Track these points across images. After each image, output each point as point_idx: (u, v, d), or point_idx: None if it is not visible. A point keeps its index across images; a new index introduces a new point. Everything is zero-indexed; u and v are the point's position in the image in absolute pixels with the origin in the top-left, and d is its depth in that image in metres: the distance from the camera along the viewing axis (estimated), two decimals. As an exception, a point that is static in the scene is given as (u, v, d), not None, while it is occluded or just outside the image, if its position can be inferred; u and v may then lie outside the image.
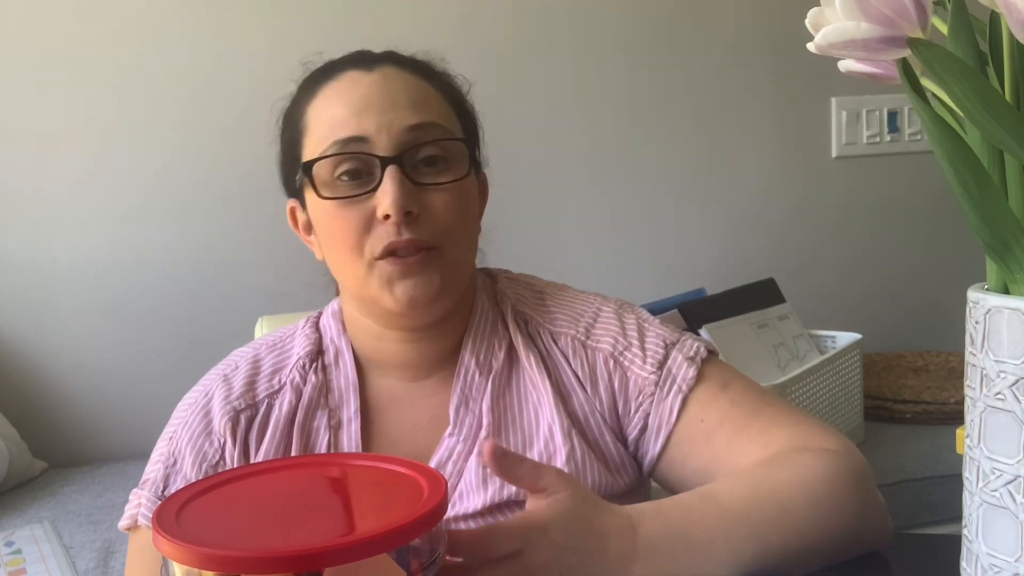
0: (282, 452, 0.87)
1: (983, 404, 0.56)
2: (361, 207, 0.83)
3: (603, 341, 0.90)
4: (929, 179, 2.26)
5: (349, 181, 0.84)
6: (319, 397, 0.90)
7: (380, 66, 0.88)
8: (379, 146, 0.83)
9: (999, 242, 0.55)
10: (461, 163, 0.87)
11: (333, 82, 0.88)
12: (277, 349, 0.94)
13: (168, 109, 1.86)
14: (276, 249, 1.90)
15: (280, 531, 0.55)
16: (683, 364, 0.88)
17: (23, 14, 1.79)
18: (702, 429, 0.85)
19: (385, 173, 0.82)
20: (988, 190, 0.54)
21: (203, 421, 0.88)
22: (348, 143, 0.83)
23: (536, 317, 0.93)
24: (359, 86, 0.86)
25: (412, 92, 0.86)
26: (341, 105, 0.85)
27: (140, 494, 0.90)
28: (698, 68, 2.16)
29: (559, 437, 0.86)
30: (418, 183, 0.84)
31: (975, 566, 0.58)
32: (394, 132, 0.83)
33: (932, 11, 0.54)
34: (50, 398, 1.85)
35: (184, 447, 0.88)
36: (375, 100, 0.85)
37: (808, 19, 0.56)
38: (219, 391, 0.90)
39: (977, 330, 0.56)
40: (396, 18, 1.93)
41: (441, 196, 0.84)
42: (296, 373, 0.90)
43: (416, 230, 0.83)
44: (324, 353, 0.93)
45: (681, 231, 2.18)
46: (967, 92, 0.51)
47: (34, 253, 1.82)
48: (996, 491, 0.55)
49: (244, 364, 0.92)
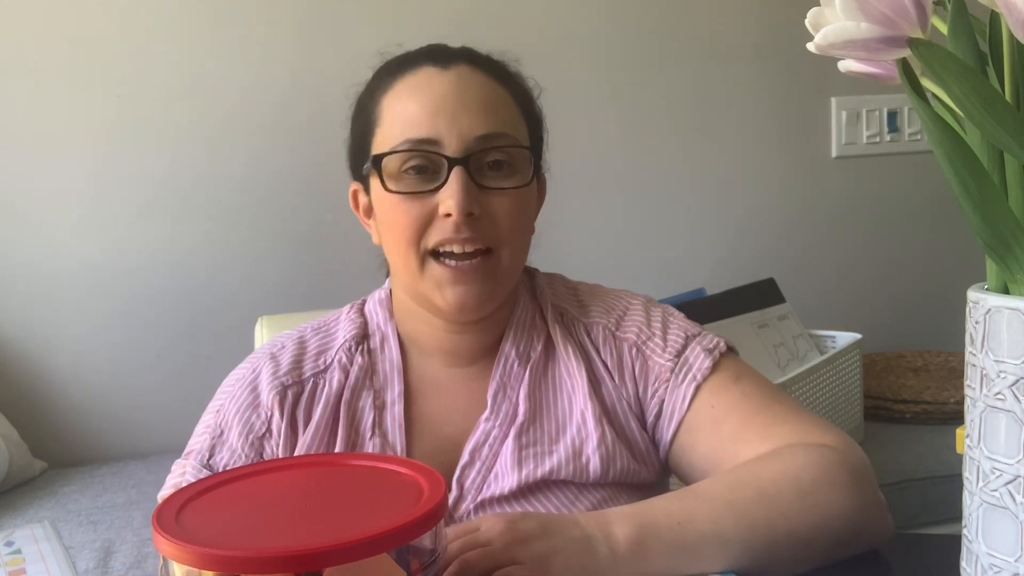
0: (330, 428, 0.91)
1: (983, 404, 0.56)
2: (424, 203, 0.86)
3: (629, 331, 0.94)
4: (929, 179, 2.26)
5: (415, 176, 0.86)
6: (365, 378, 0.93)
7: (456, 64, 0.89)
8: (449, 148, 0.85)
9: (999, 242, 0.55)
10: (525, 170, 0.90)
11: (409, 76, 0.90)
12: (322, 332, 0.97)
13: (168, 111, 1.86)
14: (276, 250, 1.91)
15: (280, 531, 0.55)
16: (701, 354, 0.91)
17: (23, 16, 1.79)
18: (711, 416, 0.88)
19: (452, 173, 0.85)
20: (988, 190, 0.54)
21: (251, 395, 0.91)
22: (420, 143, 0.86)
23: (571, 311, 0.97)
24: (434, 85, 0.88)
25: (485, 96, 0.88)
26: (415, 103, 0.87)
27: (184, 464, 0.92)
28: (698, 68, 2.16)
29: (591, 423, 0.90)
30: (482, 186, 0.86)
31: (975, 566, 0.58)
32: (465, 136, 0.86)
33: (932, 11, 0.54)
34: (50, 398, 1.85)
35: (232, 419, 0.91)
36: (449, 102, 0.86)
37: (808, 19, 0.56)
38: (267, 367, 0.93)
39: (977, 330, 0.56)
40: (397, 19, 1.93)
41: (503, 201, 0.87)
42: (343, 354, 0.94)
43: (474, 230, 0.85)
44: (370, 337, 0.96)
45: (681, 231, 2.18)
46: (967, 92, 0.51)
47: (34, 253, 1.82)
48: (996, 491, 0.55)
49: (291, 344, 0.95)
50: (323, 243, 1.90)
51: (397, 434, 0.91)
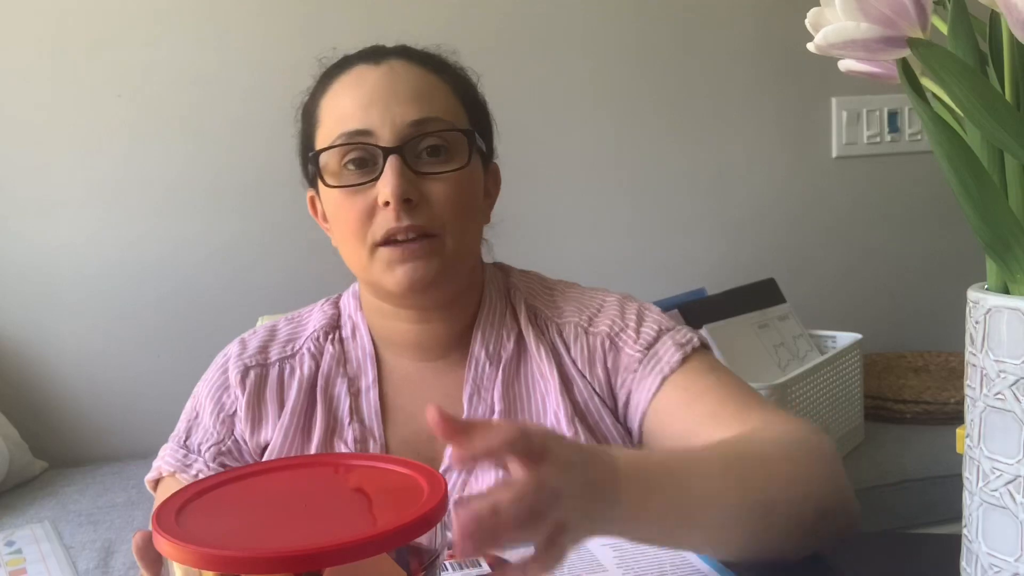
0: (307, 414, 0.93)
1: (983, 404, 0.56)
2: (364, 196, 0.87)
3: (602, 325, 0.94)
4: (929, 179, 2.25)
5: (355, 170, 0.88)
6: (337, 366, 0.95)
7: (388, 60, 0.91)
8: (383, 138, 0.87)
9: (999, 242, 0.55)
10: (463, 154, 0.90)
11: (343, 76, 0.92)
12: (295, 322, 1.00)
13: (169, 111, 1.86)
14: (277, 248, 1.91)
15: (280, 531, 0.55)
16: (671, 348, 0.91)
17: (29, 16, 1.79)
18: (684, 398, 0.88)
19: (387, 162, 0.86)
20: (988, 190, 0.54)
21: (222, 376, 0.95)
22: (354, 136, 0.87)
23: (545, 311, 0.97)
24: (366, 80, 0.90)
25: (417, 85, 0.90)
26: (348, 99, 0.89)
27: (164, 448, 0.96)
28: (698, 68, 2.16)
29: (564, 423, 0.90)
30: (419, 172, 0.87)
31: (975, 566, 0.58)
32: (397, 125, 0.87)
33: (932, 11, 0.54)
34: (50, 398, 1.85)
35: (204, 400, 0.95)
36: (380, 94, 0.88)
37: (808, 19, 0.56)
38: (235, 350, 0.97)
39: (977, 330, 0.56)
40: (398, 16, 1.93)
41: (441, 185, 0.88)
42: (311, 343, 0.96)
43: (415, 217, 0.86)
44: (342, 327, 0.98)
45: (681, 231, 2.18)
46: (967, 92, 0.51)
47: (35, 253, 1.82)
48: (996, 491, 0.55)
49: (262, 331, 0.99)
50: (323, 243, 1.89)
51: (374, 420, 0.93)
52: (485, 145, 0.97)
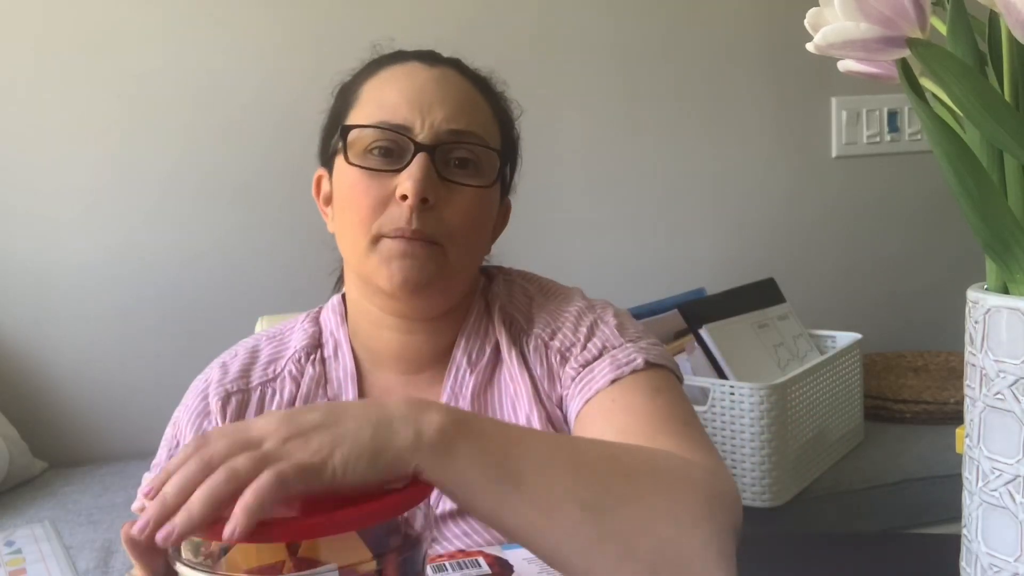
0: None
1: (983, 404, 0.56)
2: (383, 183, 0.86)
3: (557, 340, 0.92)
4: (929, 179, 2.25)
5: (380, 157, 0.87)
6: (317, 388, 0.94)
7: (442, 66, 0.92)
8: (419, 135, 0.87)
9: (999, 242, 0.55)
10: (490, 174, 0.90)
11: (395, 67, 0.92)
12: (276, 340, 0.98)
13: (169, 112, 1.86)
14: (276, 249, 1.91)
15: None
16: (606, 369, 0.87)
17: (27, 17, 1.79)
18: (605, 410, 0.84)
19: (415, 158, 0.85)
20: (987, 190, 0.54)
21: (202, 403, 0.93)
22: (393, 127, 0.87)
23: (520, 321, 0.95)
24: (417, 77, 0.90)
25: (464, 98, 0.90)
26: (396, 91, 0.89)
27: (146, 476, 0.93)
28: (698, 68, 2.16)
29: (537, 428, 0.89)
30: (443, 177, 0.87)
31: (975, 566, 0.58)
32: (436, 128, 0.87)
33: (931, 11, 0.54)
34: (50, 398, 1.85)
35: (184, 428, 0.93)
36: (428, 95, 0.88)
37: (807, 19, 0.56)
38: (216, 375, 0.94)
39: (977, 330, 0.56)
40: (399, 17, 1.93)
41: (460, 196, 0.87)
42: (292, 365, 0.94)
43: (425, 223, 0.85)
44: (323, 347, 0.96)
45: (681, 231, 2.18)
46: (967, 92, 0.51)
47: (35, 254, 1.82)
48: (996, 491, 0.55)
49: (243, 352, 0.96)
50: (324, 243, 1.89)
51: None
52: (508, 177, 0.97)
